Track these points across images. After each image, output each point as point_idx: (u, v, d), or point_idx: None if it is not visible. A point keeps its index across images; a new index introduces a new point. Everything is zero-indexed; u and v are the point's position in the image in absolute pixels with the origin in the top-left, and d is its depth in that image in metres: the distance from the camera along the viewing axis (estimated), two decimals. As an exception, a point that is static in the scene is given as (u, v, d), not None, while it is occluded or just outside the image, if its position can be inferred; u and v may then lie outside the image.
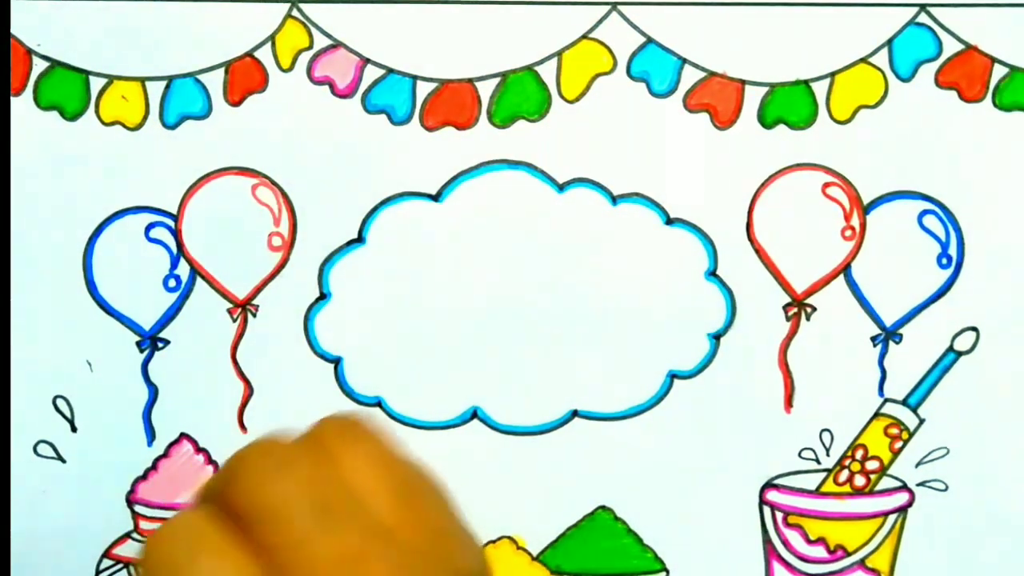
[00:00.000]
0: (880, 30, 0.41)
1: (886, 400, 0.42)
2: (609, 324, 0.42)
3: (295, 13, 0.41)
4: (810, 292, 0.42)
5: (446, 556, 0.28)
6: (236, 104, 0.41)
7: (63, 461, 0.42)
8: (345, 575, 0.26)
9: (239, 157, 0.41)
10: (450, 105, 0.41)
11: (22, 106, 0.41)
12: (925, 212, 0.42)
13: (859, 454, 0.42)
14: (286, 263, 0.42)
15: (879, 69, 0.41)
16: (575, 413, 0.42)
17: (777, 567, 0.43)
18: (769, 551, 0.43)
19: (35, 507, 0.42)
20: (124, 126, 0.41)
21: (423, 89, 0.41)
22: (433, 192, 0.41)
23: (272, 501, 0.27)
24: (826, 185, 0.42)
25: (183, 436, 0.42)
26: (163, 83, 0.41)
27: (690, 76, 0.41)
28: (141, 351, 0.41)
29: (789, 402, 0.42)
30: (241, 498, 0.27)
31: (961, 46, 0.41)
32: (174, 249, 0.41)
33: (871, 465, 0.43)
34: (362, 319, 0.42)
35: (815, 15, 0.41)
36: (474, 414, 0.42)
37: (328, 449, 0.28)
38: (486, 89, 0.41)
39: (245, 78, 0.41)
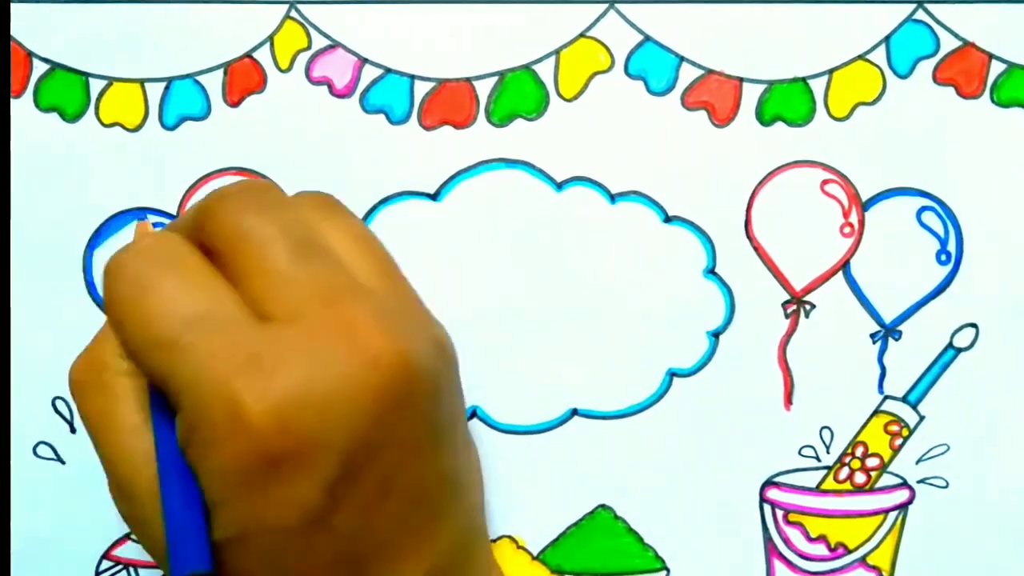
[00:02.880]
0: (878, 27, 0.41)
1: (886, 397, 0.42)
2: (608, 322, 0.42)
3: (293, 14, 0.41)
4: (809, 289, 0.42)
5: (425, 322, 0.27)
6: (235, 105, 0.41)
7: (62, 462, 0.42)
8: (324, 312, 0.24)
9: (238, 157, 0.41)
10: (448, 104, 0.41)
11: (22, 108, 0.41)
12: (924, 209, 0.42)
13: (859, 451, 0.42)
14: (285, 263, 0.42)
15: (877, 66, 0.41)
16: (575, 412, 0.42)
17: (778, 565, 0.43)
18: (770, 549, 0.43)
19: (35, 508, 0.42)
20: (124, 127, 0.41)
21: (421, 88, 0.41)
22: (431, 191, 0.42)
23: (252, 229, 0.25)
24: (824, 182, 0.42)
25: (183, 436, 0.42)
26: (162, 84, 0.41)
27: (688, 74, 0.41)
28: (141, 351, 0.42)
29: (789, 399, 0.42)
30: (220, 225, 0.25)
31: (959, 43, 0.41)
32: (173, 249, 0.41)
33: (871, 462, 0.42)
34: (361, 318, 0.42)
35: (812, 12, 0.41)
36: (473, 413, 0.42)
37: (307, 213, 0.27)
38: (484, 88, 0.41)
39: (244, 79, 0.41)
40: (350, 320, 0.24)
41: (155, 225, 0.41)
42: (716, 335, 0.42)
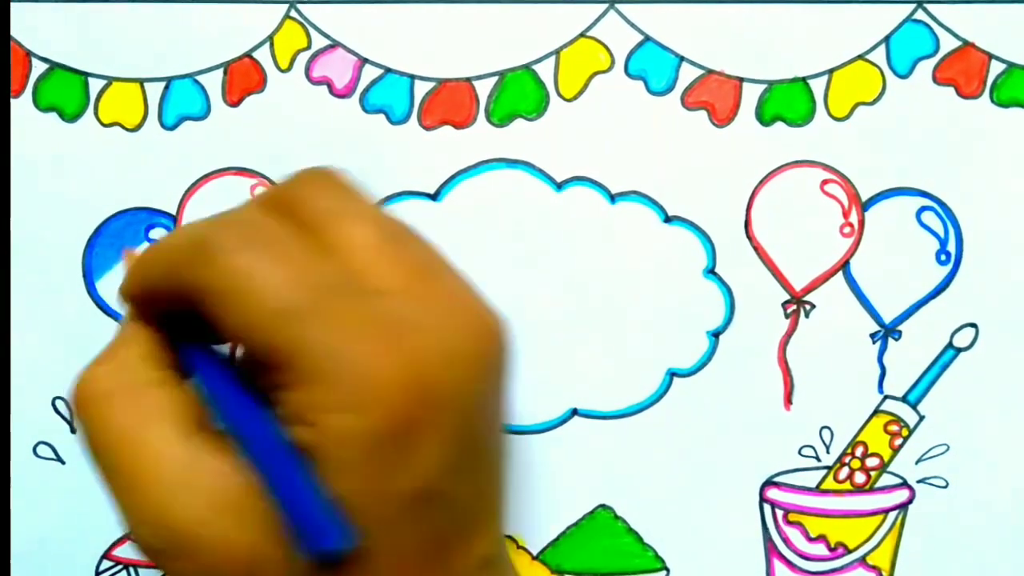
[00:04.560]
0: (877, 27, 0.41)
1: (886, 397, 0.42)
2: (608, 322, 0.42)
3: (293, 13, 0.41)
4: (809, 289, 0.42)
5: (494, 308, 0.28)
6: (235, 105, 0.41)
7: (63, 462, 0.42)
8: (429, 283, 0.25)
9: (238, 157, 0.41)
10: (448, 104, 0.41)
11: (22, 108, 0.41)
12: (924, 208, 0.42)
13: (859, 451, 0.42)
14: (285, 263, 0.41)
15: (877, 66, 0.41)
16: (575, 412, 0.42)
17: (778, 565, 0.43)
18: (770, 549, 0.43)
19: (35, 508, 0.42)
20: (123, 127, 0.41)
21: (421, 88, 0.41)
22: (431, 191, 0.42)
23: (348, 207, 0.25)
24: (824, 182, 0.42)
25: (183, 436, 0.42)
26: (162, 84, 0.41)
27: (688, 74, 0.41)
28: (141, 351, 0.41)
29: (789, 399, 0.42)
30: (313, 202, 0.25)
31: (958, 42, 0.41)
32: (173, 249, 0.41)
33: (871, 462, 0.42)
34: (361, 318, 0.42)
35: (812, 12, 0.41)
36: (474, 413, 0.42)
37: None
38: (484, 88, 0.41)
39: (244, 79, 0.41)
40: (455, 291, 0.25)
41: (153, 226, 0.41)
42: (716, 335, 0.42)
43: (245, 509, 0.24)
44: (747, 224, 0.42)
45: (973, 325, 0.42)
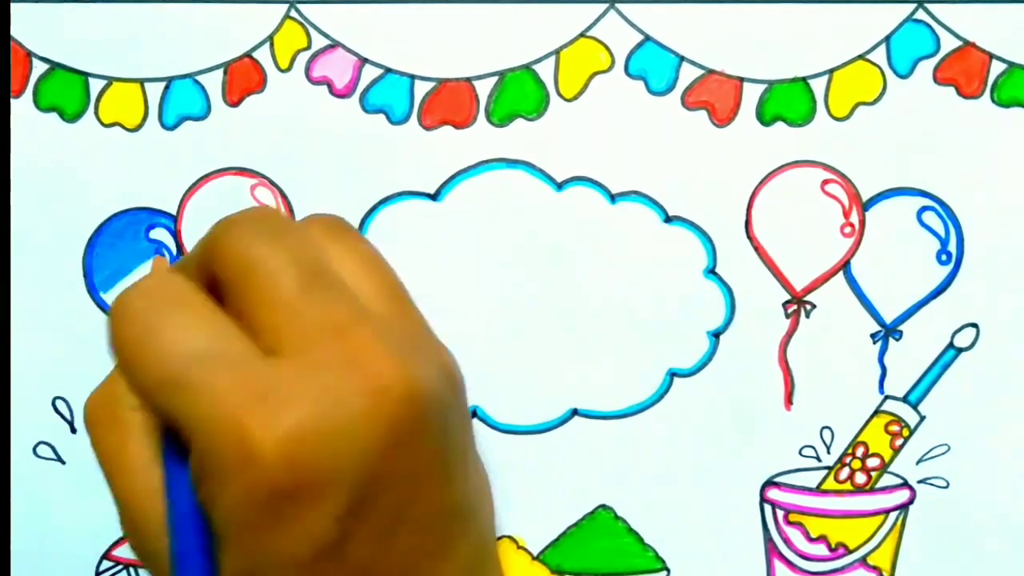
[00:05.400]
0: (878, 27, 0.41)
1: (886, 397, 0.42)
2: (608, 322, 0.42)
3: (293, 13, 0.41)
4: (809, 289, 0.42)
5: (433, 349, 0.26)
6: (235, 105, 0.41)
7: (63, 462, 0.42)
8: (332, 344, 0.24)
9: (238, 157, 0.41)
10: (448, 104, 0.41)
11: (22, 108, 0.41)
12: (924, 208, 0.42)
13: (860, 451, 0.42)
14: (285, 263, 0.41)
15: (877, 66, 0.41)
16: (575, 412, 0.42)
17: (778, 565, 0.43)
18: (770, 549, 0.43)
19: (35, 508, 0.42)
20: (124, 127, 0.41)
21: (421, 88, 0.41)
22: (432, 191, 0.42)
23: (260, 260, 0.25)
24: (825, 182, 0.42)
25: (183, 436, 0.42)
26: (162, 84, 0.41)
27: (688, 74, 0.41)
28: (141, 351, 0.41)
29: (789, 400, 0.42)
30: (228, 255, 0.25)
31: (959, 42, 0.41)
32: (174, 250, 0.41)
33: (872, 462, 0.42)
34: (361, 318, 0.42)
35: (813, 12, 0.41)
36: (473, 413, 0.42)
37: (317, 238, 0.27)
38: (484, 88, 0.41)
39: (244, 78, 0.41)
40: (358, 351, 0.24)
41: (153, 226, 0.41)
42: (716, 335, 0.42)
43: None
44: (747, 224, 0.42)
45: (974, 325, 0.42)
